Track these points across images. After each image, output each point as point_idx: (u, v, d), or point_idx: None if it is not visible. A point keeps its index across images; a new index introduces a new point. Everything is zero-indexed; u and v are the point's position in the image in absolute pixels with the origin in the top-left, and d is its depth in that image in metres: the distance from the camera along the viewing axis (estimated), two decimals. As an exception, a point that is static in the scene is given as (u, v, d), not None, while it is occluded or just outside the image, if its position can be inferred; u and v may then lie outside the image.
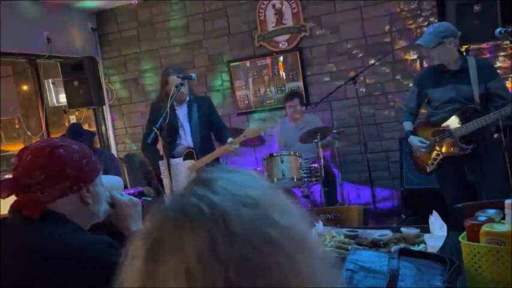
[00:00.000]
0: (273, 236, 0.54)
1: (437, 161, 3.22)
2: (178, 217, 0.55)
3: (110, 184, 1.50)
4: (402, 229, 1.91)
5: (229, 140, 3.58)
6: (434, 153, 3.24)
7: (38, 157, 1.24)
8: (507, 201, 1.46)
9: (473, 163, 3.15)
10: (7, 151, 5.48)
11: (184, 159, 3.61)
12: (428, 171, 3.31)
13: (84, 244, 1.23)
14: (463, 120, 3.07)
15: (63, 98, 5.34)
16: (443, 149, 3.19)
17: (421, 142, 3.24)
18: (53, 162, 1.25)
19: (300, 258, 0.55)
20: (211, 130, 3.82)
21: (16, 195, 1.27)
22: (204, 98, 3.96)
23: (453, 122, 3.13)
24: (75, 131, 3.97)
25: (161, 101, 3.56)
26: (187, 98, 3.71)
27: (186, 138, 3.71)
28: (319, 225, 2.02)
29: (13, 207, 1.28)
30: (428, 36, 3.07)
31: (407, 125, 3.38)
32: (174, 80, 3.52)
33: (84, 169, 1.30)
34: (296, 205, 0.63)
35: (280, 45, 5.28)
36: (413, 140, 3.30)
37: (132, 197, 1.52)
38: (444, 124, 3.17)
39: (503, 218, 1.53)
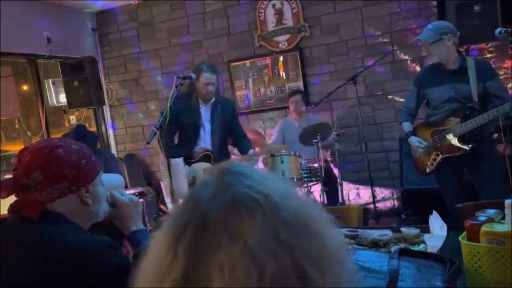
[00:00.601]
0: (315, 227, 0.56)
1: (437, 161, 3.22)
2: (231, 206, 0.55)
3: (110, 183, 1.50)
4: (402, 229, 1.91)
5: (251, 151, 3.53)
6: (434, 153, 3.23)
7: (36, 157, 1.24)
8: (507, 201, 1.45)
9: (473, 163, 3.14)
10: (7, 151, 5.48)
11: (200, 161, 3.57)
12: (427, 171, 3.30)
13: (84, 244, 1.23)
14: (462, 119, 3.07)
15: (63, 98, 5.34)
16: (443, 149, 3.19)
17: (420, 143, 3.25)
18: (52, 163, 1.24)
19: (334, 249, 0.57)
20: (230, 135, 3.75)
21: (16, 196, 1.27)
22: (229, 102, 3.88)
23: (452, 121, 3.13)
24: (81, 132, 3.98)
25: (188, 97, 3.51)
26: (213, 100, 3.63)
27: (205, 140, 3.64)
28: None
29: (12, 208, 1.28)
30: (428, 32, 3.11)
31: (407, 126, 3.38)
32: (205, 77, 3.48)
33: (83, 169, 1.29)
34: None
35: (280, 45, 5.28)
36: (413, 140, 3.30)
37: (132, 196, 1.51)
38: (443, 124, 3.17)
39: (503, 218, 1.52)
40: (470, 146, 3.06)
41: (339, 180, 4.38)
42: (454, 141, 3.11)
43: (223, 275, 0.51)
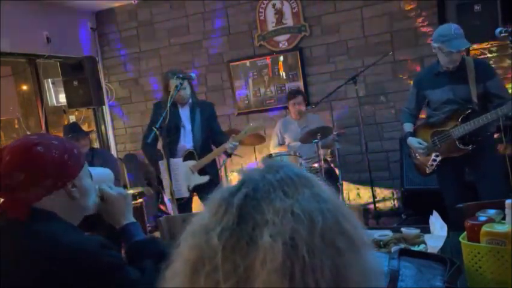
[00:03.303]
0: (348, 230, 0.60)
1: (437, 162, 3.21)
2: (284, 178, 0.62)
3: (99, 177, 1.47)
4: (402, 229, 1.91)
5: (231, 139, 3.60)
6: (433, 154, 3.23)
7: (15, 157, 1.21)
8: (507, 201, 1.45)
9: (473, 163, 3.14)
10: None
11: (184, 160, 3.63)
12: (427, 172, 3.30)
13: (77, 244, 1.21)
14: (461, 120, 3.06)
15: (62, 98, 5.33)
16: (442, 150, 3.18)
17: (420, 144, 3.23)
18: (31, 161, 1.21)
19: (363, 253, 0.60)
20: (210, 135, 3.83)
21: (1, 197, 1.24)
22: (208, 104, 3.97)
23: (451, 122, 3.12)
24: (71, 129, 4.03)
25: (164, 102, 3.57)
26: (190, 101, 3.71)
27: (187, 139, 3.71)
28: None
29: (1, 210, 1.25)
30: (464, 39, 2.99)
31: (408, 127, 3.36)
32: (173, 84, 3.52)
33: (66, 164, 1.26)
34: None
35: (280, 45, 5.28)
36: (412, 141, 3.28)
37: (121, 189, 1.48)
38: (443, 125, 3.16)
39: (504, 218, 1.52)
40: (470, 147, 3.05)
41: (339, 180, 4.38)
42: (454, 142, 3.10)
43: (274, 224, 0.56)
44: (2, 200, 1.27)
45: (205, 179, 3.62)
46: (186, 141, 3.69)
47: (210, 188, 3.34)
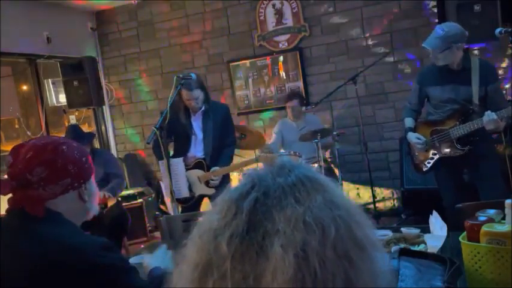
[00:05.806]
0: (360, 237, 0.58)
1: (434, 160, 3.20)
2: (297, 182, 0.61)
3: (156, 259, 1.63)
4: (402, 229, 1.91)
5: (213, 169, 3.49)
6: (431, 152, 3.22)
7: (40, 153, 1.26)
8: (507, 201, 1.45)
9: (472, 164, 3.13)
10: (7, 151, 5.47)
11: (193, 168, 3.55)
12: (424, 170, 3.29)
13: (79, 246, 1.23)
14: (461, 121, 3.04)
15: (62, 98, 5.33)
16: (440, 149, 3.17)
17: (418, 139, 3.22)
18: (57, 159, 1.27)
19: (374, 260, 0.59)
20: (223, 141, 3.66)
21: (13, 194, 1.27)
22: (221, 106, 3.78)
23: (451, 122, 3.11)
24: (76, 132, 3.98)
25: (177, 108, 3.47)
26: (203, 108, 3.57)
27: (198, 148, 3.60)
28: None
29: (13, 205, 1.28)
30: (436, 41, 2.96)
31: (408, 122, 3.32)
32: (185, 93, 3.43)
33: (83, 166, 1.33)
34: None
35: (280, 45, 5.28)
36: (411, 136, 3.25)
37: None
38: (442, 124, 3.16)
39: (504, 218, 1.52)
40: (467, 148, 3.05)
41: (339, 180, 4.38)
42: (452, 142, 3.10)
43: (285, 233, 0.54)
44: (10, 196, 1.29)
45: (211, 191, 3.51)
46: (197, 150, 3.59)
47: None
